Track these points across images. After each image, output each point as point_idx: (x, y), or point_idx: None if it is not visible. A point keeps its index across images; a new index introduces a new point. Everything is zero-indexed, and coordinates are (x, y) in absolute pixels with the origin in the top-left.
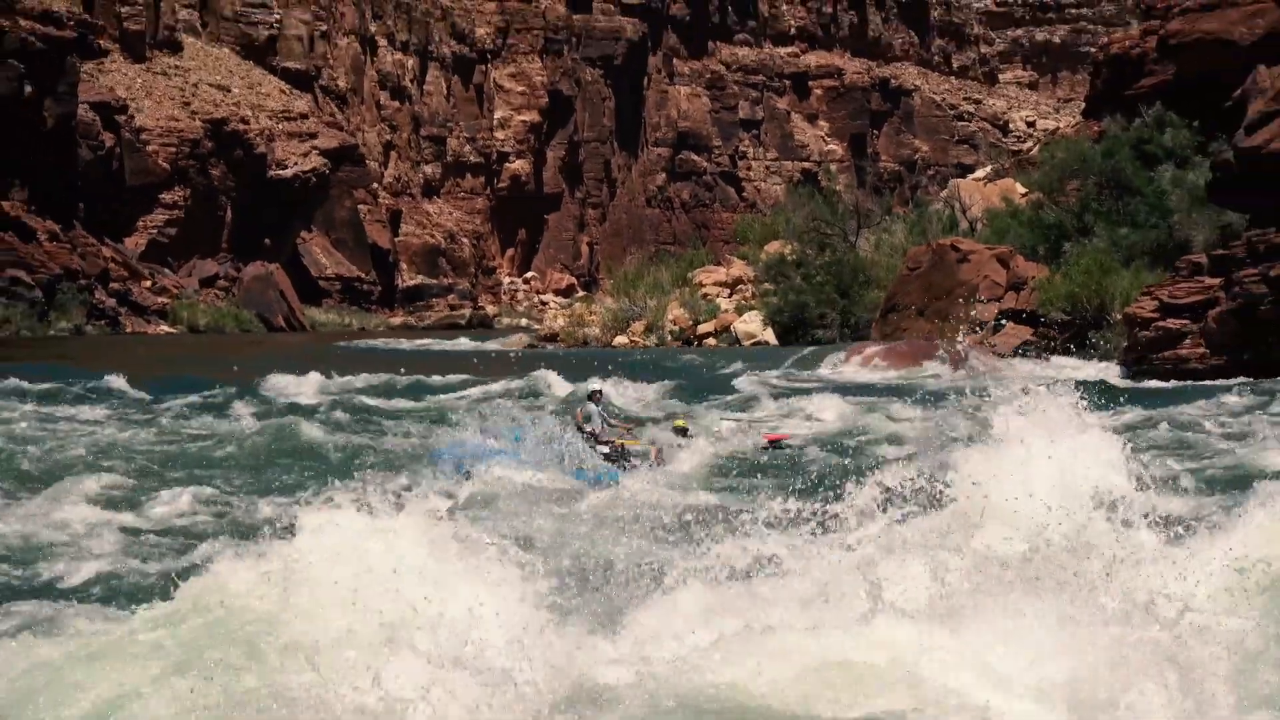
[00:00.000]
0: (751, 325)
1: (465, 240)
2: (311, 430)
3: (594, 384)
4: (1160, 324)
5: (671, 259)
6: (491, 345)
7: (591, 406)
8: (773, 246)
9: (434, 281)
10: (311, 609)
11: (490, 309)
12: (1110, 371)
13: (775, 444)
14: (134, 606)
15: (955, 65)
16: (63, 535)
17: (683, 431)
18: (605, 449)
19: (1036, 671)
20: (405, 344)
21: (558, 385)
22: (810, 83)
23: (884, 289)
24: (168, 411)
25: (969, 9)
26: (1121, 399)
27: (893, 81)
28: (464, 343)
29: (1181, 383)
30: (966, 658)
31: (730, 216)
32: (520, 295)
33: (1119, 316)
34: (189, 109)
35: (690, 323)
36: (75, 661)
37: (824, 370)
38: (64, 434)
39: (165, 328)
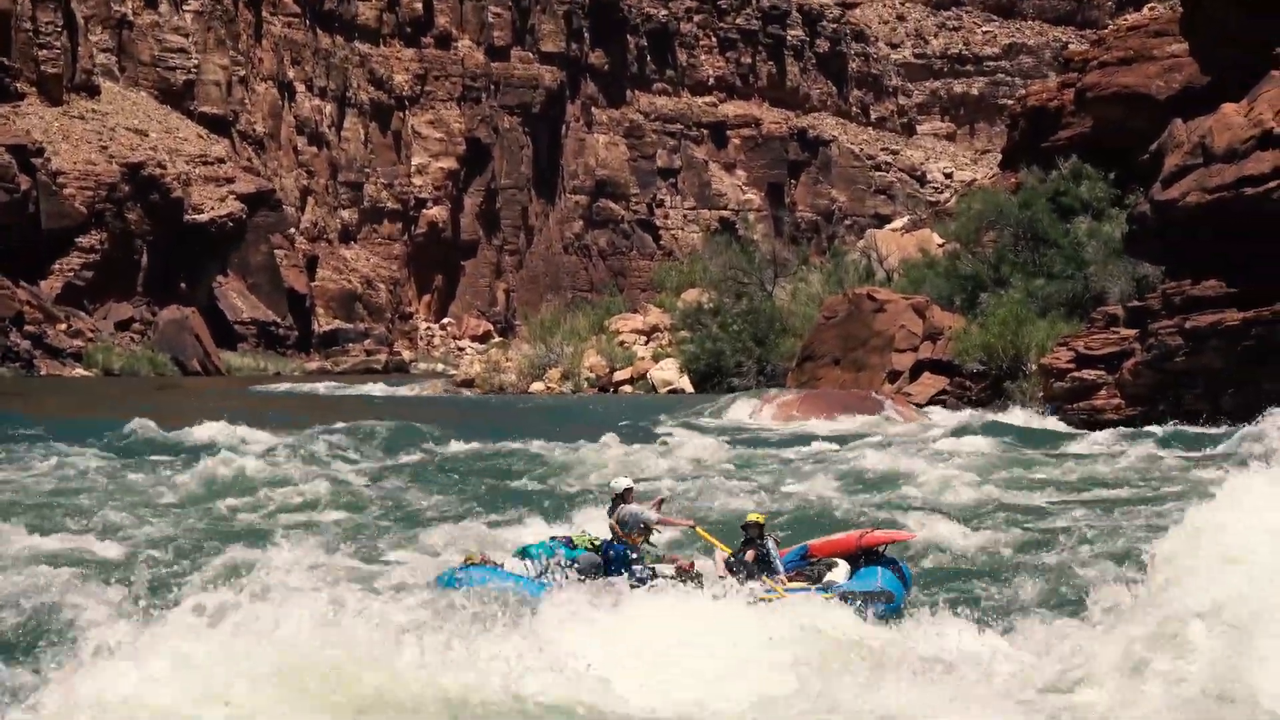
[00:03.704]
0: (668, 373)
1: (382, 286)
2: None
3: (623, 481)
4: (1076, 374)
5: (588, 306)
6: (407, 390)
7: (630, 509)
8: (689, 294)
9: (350, 326)
10: None
11: (407, 354)
12: (1025, 420)
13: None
14: None
15: (873, 116)
16: None
17: (758, 529)
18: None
19: None
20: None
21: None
22: (728, 132)
23: (800, 337)
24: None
25: (887, 60)
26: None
27: (810, 131)
28: (379, 387)
29: (1097, 431)
30: None
31: (647, 264)
32: (437, 341)
33: (1035, 367)
34: (106, 153)
35: (607, 370)
36: None
37: (740, 418)
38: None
39: (81, 370)
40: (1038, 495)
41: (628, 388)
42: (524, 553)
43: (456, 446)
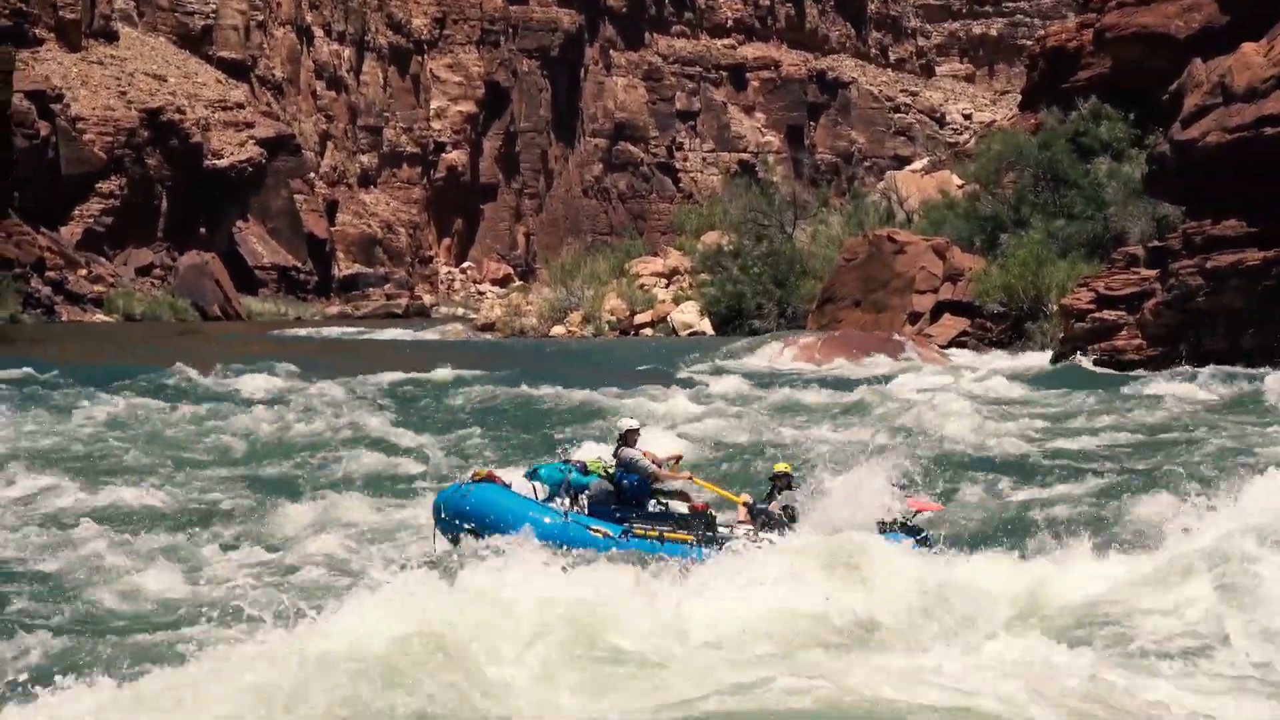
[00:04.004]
0: (688, 315)
1: (402, 230)
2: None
3: (628, 422)
4: (1096, 315)
5: (608, 249)
6: (428, 335)
7: (629, 453)
8: (709, 237)
9: (370, 271)
10: None
11: (427, 298)
12: (1046, 361)
13: (908, 529)
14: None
15: (892, 58)
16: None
17: (785, 480)
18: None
19: None
20: (342, 333)
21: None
22: (747, 74)
23: (820, 280)
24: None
25: (906, 2)
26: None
27: (830, 73)
28: (400, 332)
29: (1118, 372)
30: None
31: (667, 207)
32: (457, 285)
33: (1055, 308)
34: (125, 98)
35: (627, 313)
36: None
37: (762, 361)
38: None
39: (101, 316)
40: (1069, 438)
41: (648, 330)
42: (534, 474)
43: (481, 389)
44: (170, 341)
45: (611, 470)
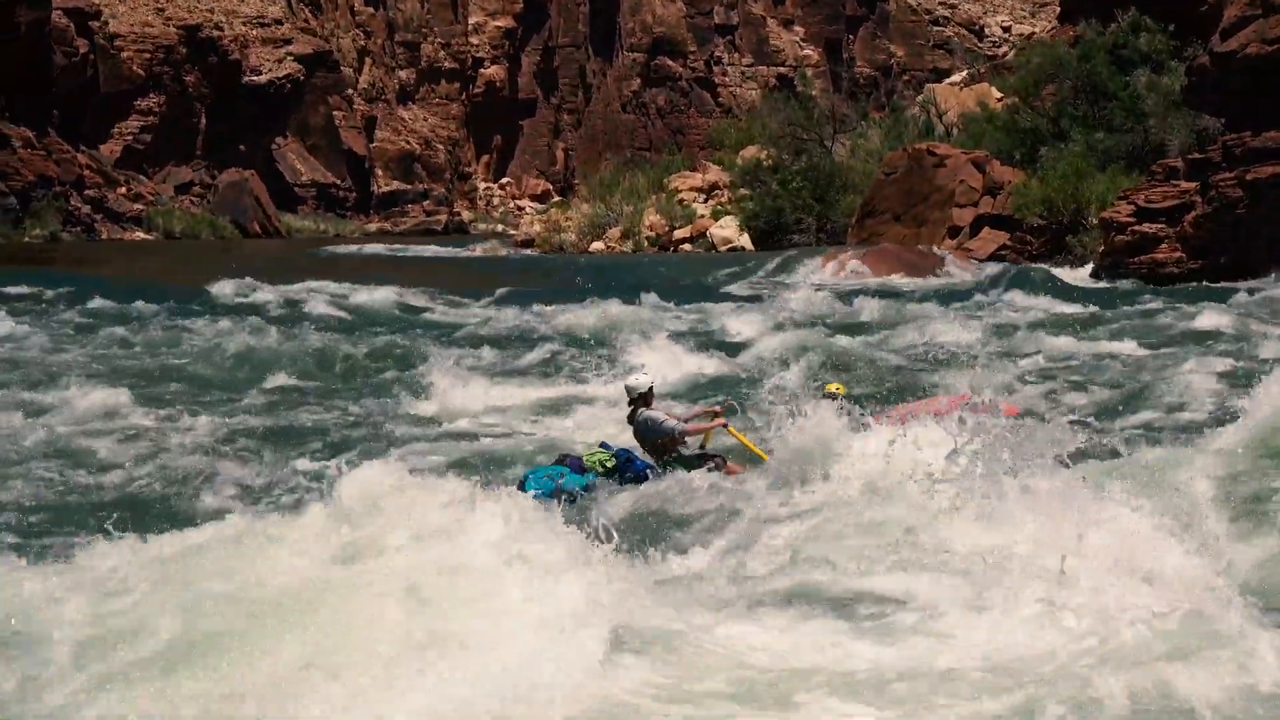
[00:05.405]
0: (728, 231)
1: (440, 146)
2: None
3: (642, 379)
4: (1136, 228)
5: (647, 165)
6: (467, 251)
7: (651, 415)
8: (748, 152)
9: (409, 187)
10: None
11: (466, 215)
12: (1087, 274)
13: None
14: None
15: None
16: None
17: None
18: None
19: None
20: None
21: None
22: None
23: (860, 194)
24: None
25: None
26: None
27: None
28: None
29: (1159, 286)
30: None
31: (706, 122)
32: (496, 201)
33: (1095, 221)
34: (163, 15)
35: (666, 229)
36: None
37: (804, 276)
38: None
39: (141, 234)
40: (1116, 346)
41: (687, 246)
42: (522, 485)
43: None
44: (213, 257)
45: (610, 462)
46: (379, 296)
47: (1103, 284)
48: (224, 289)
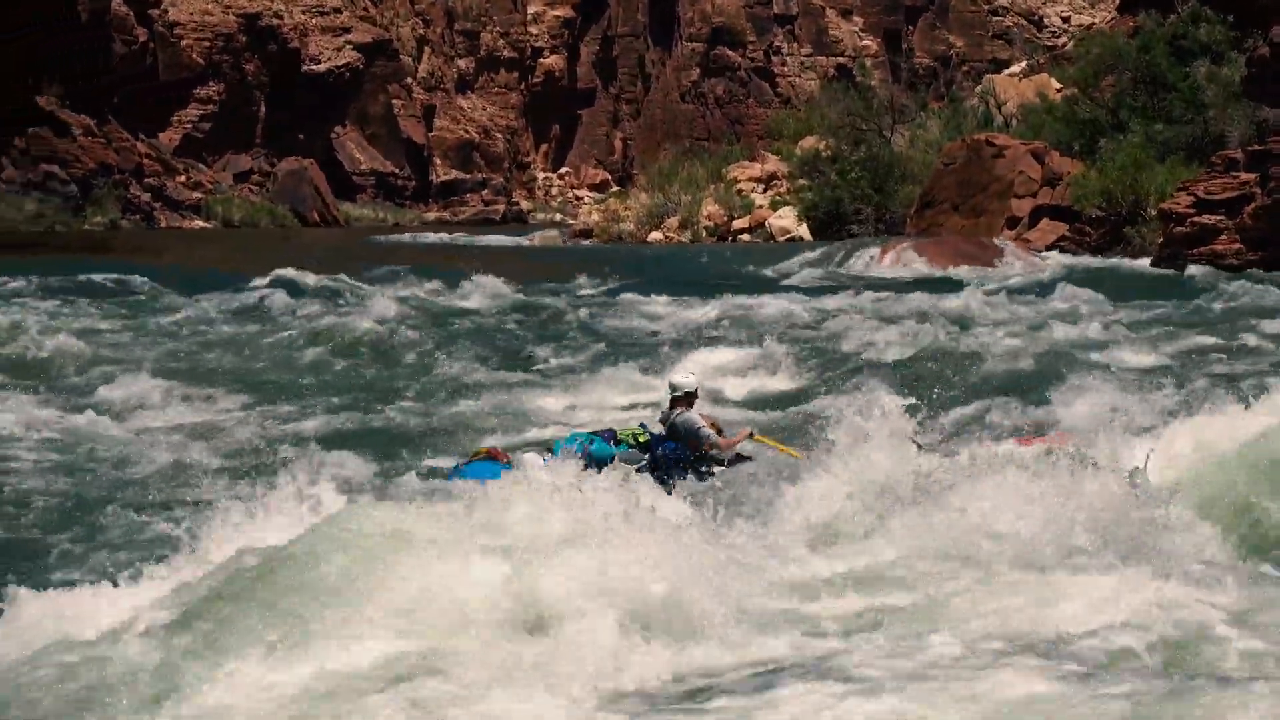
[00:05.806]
0: (786, 221)
1: (499, 135)
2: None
3: (689, 380)
4: (1196, 219)
5: (706, 155)
6: (526, 240)
7: (688, 418)
8: (807, 142)
9: (468, 176)
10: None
11: (524, 204)
12: (1146, 266)
13: None
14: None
15: None
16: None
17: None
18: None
19: None
20: (442, 238)
21: None
22: None
23: (919, 185)
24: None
25: None
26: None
27: None
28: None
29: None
30: None
31: (765, 112)
32: (554, 190)
33: (1154, 212)
34: (222, 3)
35: (725, 219)
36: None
37: (862, 266)
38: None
39: (200, 223)
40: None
41: (745, 236)
42: (552, 449)
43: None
44: (273, 246)
45: (645, 438)
46: (434, 284)
47: (1164, 275)
48: (305, 279)
